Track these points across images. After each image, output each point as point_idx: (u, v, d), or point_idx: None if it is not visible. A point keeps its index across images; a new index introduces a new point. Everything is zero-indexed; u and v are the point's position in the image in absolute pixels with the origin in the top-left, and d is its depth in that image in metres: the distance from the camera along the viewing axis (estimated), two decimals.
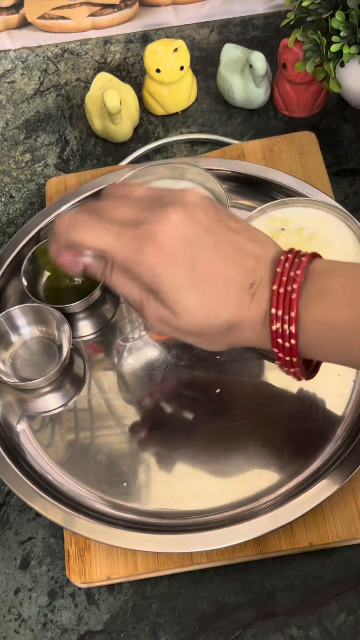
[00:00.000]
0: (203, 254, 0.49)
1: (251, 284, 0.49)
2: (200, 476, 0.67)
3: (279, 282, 0.48)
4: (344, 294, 0.47)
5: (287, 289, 0.47)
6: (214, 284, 0.49)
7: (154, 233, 0.48)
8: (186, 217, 0.49)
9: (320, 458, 0.67)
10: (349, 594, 0.64)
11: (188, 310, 0.49)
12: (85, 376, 0.74)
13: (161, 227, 0.48)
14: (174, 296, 0.49)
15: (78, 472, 0.69)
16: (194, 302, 0.49)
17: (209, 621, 0.64)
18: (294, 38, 0.84)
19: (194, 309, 0.49)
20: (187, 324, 0.49)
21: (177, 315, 0.49)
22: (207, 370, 0.73)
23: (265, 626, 0.63)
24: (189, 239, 0.48)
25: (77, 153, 0.93)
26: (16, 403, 0.73)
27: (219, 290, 0.49)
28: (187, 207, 0.49)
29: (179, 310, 0.49)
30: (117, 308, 0.78)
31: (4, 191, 0.91)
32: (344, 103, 0.93)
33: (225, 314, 0.49)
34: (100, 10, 1.01)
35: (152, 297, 0.50)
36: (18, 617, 0.66)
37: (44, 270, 0.77)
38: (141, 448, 0.69)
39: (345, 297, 0.47)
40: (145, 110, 0.96)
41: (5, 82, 1.01)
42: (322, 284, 0.48)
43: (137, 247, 0.48)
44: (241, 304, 0.49)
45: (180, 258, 0.48)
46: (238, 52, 0.93)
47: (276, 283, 0.48)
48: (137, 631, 0.64)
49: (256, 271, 0.49)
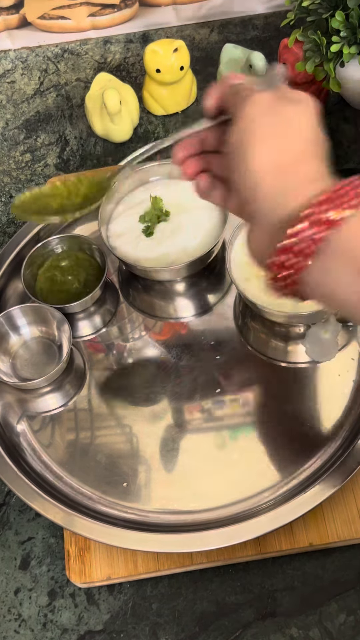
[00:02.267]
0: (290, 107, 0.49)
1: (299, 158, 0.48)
2: (200, 476, 0.67)
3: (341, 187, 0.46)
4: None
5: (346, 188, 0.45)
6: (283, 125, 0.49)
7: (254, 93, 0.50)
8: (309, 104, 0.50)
9: (320, 458, 0.67)
10: (349, 594, 0.64)
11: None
12: (85, 376, 0.74)
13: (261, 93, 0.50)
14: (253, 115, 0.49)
15: (78, 472, 0.69)
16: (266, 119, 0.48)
17: (209, 621, 0.64)
18: (294, 38, 0.84)
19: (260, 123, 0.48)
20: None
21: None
22: (207, 370, 0.73)
23: (265, 626, 0.63)
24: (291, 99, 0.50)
25: (77, 153, 0.93)
26: (16, 403, 0.73)
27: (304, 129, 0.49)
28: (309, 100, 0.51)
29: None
30: (117, 308, 0.78)
31: (4, 191, 0.91)
32: (344, 103, 0.92)
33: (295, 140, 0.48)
34: (100, 10, 1.01)
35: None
36: (18, 617, 0.66)
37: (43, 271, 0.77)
38: (141, 448, 0.69)
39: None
40: (145, 110, 0.96)
41: (5, 82, 1.01)
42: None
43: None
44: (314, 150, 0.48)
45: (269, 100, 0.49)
46: (238, 52, 0.93)
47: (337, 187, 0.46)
48: (137, 631, 0.64)
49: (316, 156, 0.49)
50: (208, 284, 0.78)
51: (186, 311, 0.77)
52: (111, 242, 0.76)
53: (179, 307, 0.78)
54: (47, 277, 0.77)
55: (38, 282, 0.77)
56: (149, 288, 0.78)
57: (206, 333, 0.75)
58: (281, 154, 0.48)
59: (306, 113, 0.50)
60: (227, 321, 0.76)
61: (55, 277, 0.77)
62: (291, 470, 0.66)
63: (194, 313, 0.77)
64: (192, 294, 0.78)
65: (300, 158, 0.48)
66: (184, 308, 0.78)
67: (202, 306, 0.77)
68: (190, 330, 0.76)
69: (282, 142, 0.48)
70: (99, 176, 0.63)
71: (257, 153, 0.48)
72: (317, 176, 0.48)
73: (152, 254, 0.74)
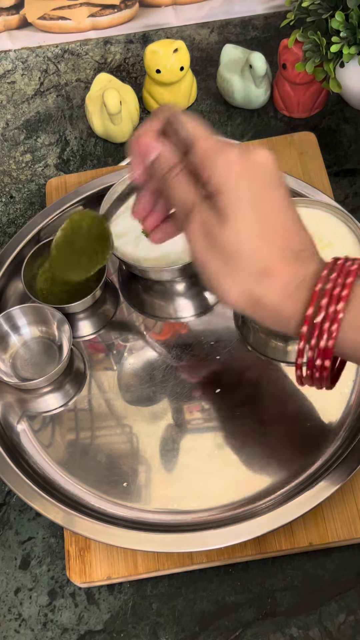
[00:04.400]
0: (274, 194, 0.48)
1: (301, 250, 0.48)
2: (200, 476, 0.67)
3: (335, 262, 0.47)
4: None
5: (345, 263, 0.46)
6: (272, 219, 0.48)
7: (247, 147, 0.49)
8: (275, 161, 0.49)
9: (320, 458, 0.67)
10: (349, 594, 0.64)
11: (238, 221, 0.47)
12: (85, 376, 0.74)
13: (255, 148, 0.49)
14: (233, 202, 0.47)
15: (78, 472, 0.69)
16: (248, 215, 0.47)
17: (209, 621, 0.64)
18: (293, 38, 0.84)
19: (245, 224, 0.47)
20: (228, 234, 0.47)
21: (225, 222, 0.47)
22: (207, 370, 0.73)
23: (265, 626, 0.63)
24: (271, 174, 0.48)
25: (77, 153, 0.93)
26: (16, 403, 0.73)
27: (273, 227, 0.48)
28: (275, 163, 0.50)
29: (229, 217, 0.47)
30: (117, 308, 0.78)
31: (4, 191, 0.91)
32: (344, 103, 0.93)
33: (267, 251, 0.47)
34: (101, 10, 1.01)
35: (206, 203, 0.48)
36: (18, 617, 0.66)
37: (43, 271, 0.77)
38: (141, 448, 0.69)
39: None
40: (145, 111, 0.96)
41: (5, 82, 1.02)
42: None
43: (228, 146, 0.48)
44: (285, 255, 0.47)
45: (255, 177, 0.48)
46: (238, 53, 0.93)
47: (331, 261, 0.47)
48: (137, 631, 0.64)
49: (308, 243, 0.49)
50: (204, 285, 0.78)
51: (186, 311, 0.77)
52: None
53: (179, 307, 0.78)
54: (47, 277, 0.77)
55: (38, 282, 0.77)
56: (149, 288, 0.79)
57: (206, 333, 0.75)
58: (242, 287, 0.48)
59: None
60: (227, 321, 0.76)
61: (55, 277, 0.77)
62: (291, 470, 0.66)
63: (194, 313, 0.77)
64: (192, 294, 0.78)
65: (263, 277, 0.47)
66: (184, 308, 0.78)
67: (202, 306, 0.77)
68: (190, 330, 0.76)
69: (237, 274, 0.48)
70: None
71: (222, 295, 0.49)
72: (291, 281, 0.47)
73: (152, 254, 0.74)
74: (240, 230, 0.47)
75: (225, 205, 0.47)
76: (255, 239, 0.47)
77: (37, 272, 0.77)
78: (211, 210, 0.48)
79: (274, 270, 0.47)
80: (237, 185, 0.47)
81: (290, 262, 0.47)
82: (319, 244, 0.72)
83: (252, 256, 0.47)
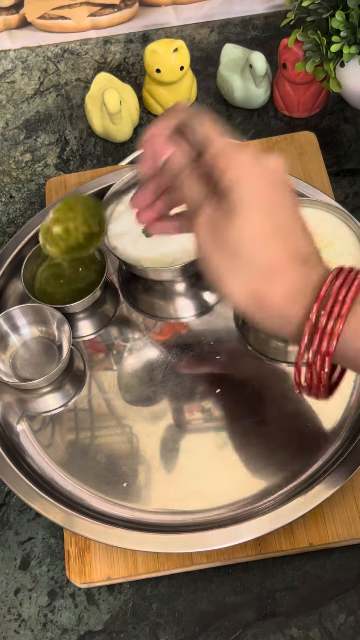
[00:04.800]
0: (284, 200, 0.48)
1: (306, 257, 0.48)
2: (200, 476, 0.67)
3: (339, 272, 0.47)
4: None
5: (349, 274, 0.46)
6: (281, 226, 0.47)
7: (259, 153, 0.48)
8: (286, 169, 0.49)
9: (320, 458, 0.67)
10: (349, 594, 0.64)
11: (247, 218, 0.47)
12: (85, 376, 0.74)
13: (268, 155, 0.49)
14: (243, 198, 0.47)
15: (78, 472, 0.69)
16: (258, 218, 0.47)
17: (209, 621, 0.64)
18: (294, 38, 0.84)
19: (253, 221, 0.47)
20: (237, 231, 0.47)
21: (231, 221, 0.47)
22: (207, 370, 0.73)
23: (265, 626, 0.63)
24: (282, 182, 0.48)
25: (77, 153, 0.93)
26: (16, 403, 0.73)
27: (282, 232, 0.47)
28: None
29: (239, 213, 0.46)
30: (117, 308, 0.78)
31: (4, 191, 0.91)
32: (344, 103, 0.93)
33: (274, 251, 0.47)
34: (100, 10, 1.01)
35: (215, 200, 0.48)
36: (18, 617, 0.66)
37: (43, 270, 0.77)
38: (141, 448, 0.69)
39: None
40: (145, 110, 0.96)
41: (5, 82, 1.01)
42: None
43: (241, 149, 0.48)
44: (292, 259, 0.47)
45: (265, 181, 0.48)
46: (238, 52, 0.93)
47: (335, 271, 0.47)
48: (137, 631, 0.64)
49: (314, 253, 0.49)
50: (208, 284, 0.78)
51: (186, 311, 0.77)
52: (111, 242, 0.75)
53: (179, 307, 0.78)
54: (47, 277, 0.77)
55: (38, 282, 0.77)
56: (149, 288, 0.78)
57: (206, 333, 0.75)
58: (246, 286, 0.47)
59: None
60: (227, 321, 0.76)
61: (55, 277, 0.77)
62: (291, 471, 0.66)
63: (194, 313, 0.77)
64: (192, 294, 0.78)
65: (267, 278, 0.47)
66: (184, 308, 0.78)
67: (202, 306, 0.77)
68: (190, 330, 0.76)
69: (241, 273, 0.47)
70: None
71: (226, 294, 0.48)
72: (294, 287, 0.47)
73: (152, 254, 0.74)
74: (249, 227, 0.47)
75: (236, 201, 0.47)
76: (263, 238, 0.47)
77: (37, 272, 0.77)
78: (221, 207, 0.48)
79: (280, 270, 0.47)
80: (249, 183, 0.47)
81: (297, 265, 0.47)
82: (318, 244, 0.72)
83: (259, 254, 0.47)
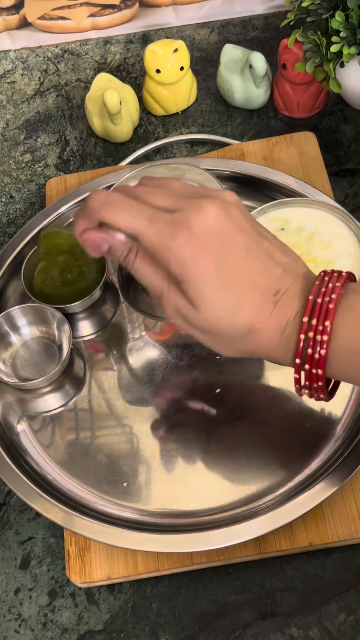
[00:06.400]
0: (233, 252, 0.48)
1: (276, 291, 0.49)
2: (200, 476, 0.67)
3: (316, 293, 0.47)
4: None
5: (324, 299, 0.47)
6: (240, 284, 0.48)
7: (189, 221, 0.48)
8: (222, 212, 0.48)
9: (320, 458, 0.67)
10: (349, 594, 0.64)
11: (209, 306, 0.48)
12: (85, 376, 0.74)
13: (197, 216, 0.48)
14: (198, 289, 0.48)
15: (78, 472, 0.69)
16: (216, 298, 0.48)
17: (209, 621, 0.64)
18: (293, 38, 0.84)
19: (215, 305, 0.48)
20: (204, 319, 0.49)
21: (197, 309, 0.48)
22: (207, 370, 0.73)
23: (265, 626, 0.63)
24: (222, 234, 0.48)
25: (77, 153, 0.93)
26: (16, 403, 0.73)
27: (244, 291, 0.48)
28: (225, 203, 0.49)
29: (199, 304, 0.48)
30: (117, 308, 0.78)
31: (4, 191, 0.91)
32: (344, 103, 0.93)
33: (245, 315, 0.48)
34: (100, 10, 1.01)
35: (174, 287, 0.49)
36: (18, 617, 0.66)
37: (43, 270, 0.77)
38: (141, 448, 0.69)
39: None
40: (145, 111, 0.96)
41: (5, 82, 1.01)
42: (358, 300, 0.48)
43: (171, 232, 0.48)
44: (263, 309, 0.48)
45: (210, 251, 0.48)
46: (238, 53, 0.93)
47: (312, 293, 0.47)
48: (137, 631, 0.64)
49: (283, 280, 0.49)
50: None
51: None
52: None
53: None
54: (48, 277, 0.77)
55: (38, 282, 0.77)
56: None
57: None
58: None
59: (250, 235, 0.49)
60: None
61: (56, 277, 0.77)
62: (291, 470, 0.66)
63: None
64: None
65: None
66: None
67: None
68: None
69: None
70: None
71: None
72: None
73: None
74: (214, 312, 0.48)
75: (192, 294, 0.48)
76: (231, 311, 0.48)
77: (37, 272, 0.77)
78: (182, 295, 0.49)
79: (256, 326, 0.48)
80: (195, 267, 0.47)
81: (270, 311, 0.48)
82: (318, 244, 0.72)
83: (233, 327, 0.48)
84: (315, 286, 0.48)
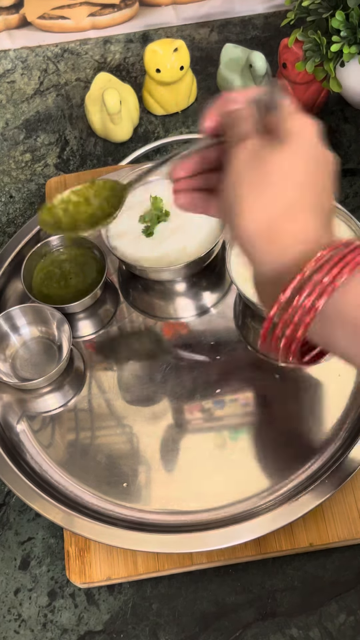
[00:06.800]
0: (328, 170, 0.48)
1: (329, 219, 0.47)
2: (200, 476, 0.67)
3: (343, 249, 0.45)
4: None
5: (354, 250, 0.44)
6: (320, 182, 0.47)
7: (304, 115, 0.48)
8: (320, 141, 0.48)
9: (321, 458, 0.67)
10: (349, 594, 0.64)
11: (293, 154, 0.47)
12: (85, 376, 0.74)
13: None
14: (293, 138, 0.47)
15: (78, 472, 0.69)
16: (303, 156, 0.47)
17: (209, 621, 0.64)
18: (294, 38, 0.84)
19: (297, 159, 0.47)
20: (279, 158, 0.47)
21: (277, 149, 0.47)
22: (207, 370, 0.73)
23: (265, 626, 0.63)
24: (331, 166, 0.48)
25: (77, 153, 0.93)
26: (16, 403, 0.73)
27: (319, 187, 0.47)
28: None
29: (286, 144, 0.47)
30: (117, 308, 0.78)
31: (4, 191, 0.91)
32: (344, 103, 0.93)
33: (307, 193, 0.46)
34: (100, 10, 1.01)
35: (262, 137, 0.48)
36: (18, 617, 0.66)
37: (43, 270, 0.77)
38: (141, 448, 0.69)
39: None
40: (145, 110, 0.96)
41: (5, 82, 1.01)
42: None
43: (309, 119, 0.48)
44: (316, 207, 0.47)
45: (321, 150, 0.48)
46: (238, 52, 0.93)
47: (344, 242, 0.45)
48: (137, 631, 0.64)
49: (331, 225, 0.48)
50: (208, 284, 0.78)
51: (186, 311, 0.77)
52: (111, 242, 0.75)
53: (179, 307, 0.78)
54: (47, 277, 0.77)
55: (38, 282, 0.77)
56: (149, 288, 0.78)
57: (206, 333, 0.75)
58: (268, 213, 0.46)
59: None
60: (227, 321, 0.76)
61: (55, 277, 0.77)
62: (291, 471, 0.66)
63: (194, 313, 0.77)
64: (192, 294, 0.78)
65: (289, 214, 0.46)
66: (184, 308, 0.78)
67: (202, 306, 0.77)
68: (190, 330, 0.76)
69: (268, 199, 0.46)
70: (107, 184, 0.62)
71: (244, 217, 0.46)
72: (308, 235, 0.46)
73: (152, 254, 0.74)
74: (293, 158, 0.46)
75: (287, 135, 0.47)
76: (304, 174, 0.46)
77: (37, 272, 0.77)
78: (267, 140, 0.47)
79: (301, 211, 0.46)
80: (306, 139, 0.47)
81: (316, 215, 0.47)
82: None
83: (294, 187, 0.46)
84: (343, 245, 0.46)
